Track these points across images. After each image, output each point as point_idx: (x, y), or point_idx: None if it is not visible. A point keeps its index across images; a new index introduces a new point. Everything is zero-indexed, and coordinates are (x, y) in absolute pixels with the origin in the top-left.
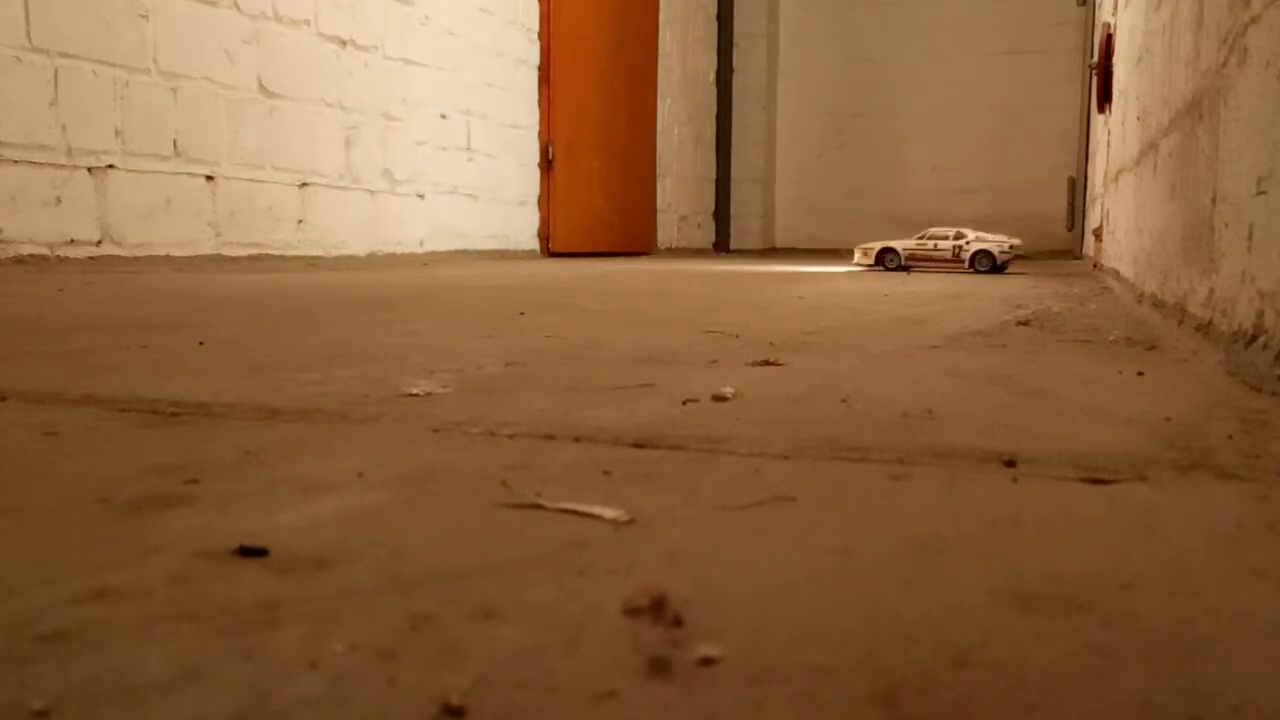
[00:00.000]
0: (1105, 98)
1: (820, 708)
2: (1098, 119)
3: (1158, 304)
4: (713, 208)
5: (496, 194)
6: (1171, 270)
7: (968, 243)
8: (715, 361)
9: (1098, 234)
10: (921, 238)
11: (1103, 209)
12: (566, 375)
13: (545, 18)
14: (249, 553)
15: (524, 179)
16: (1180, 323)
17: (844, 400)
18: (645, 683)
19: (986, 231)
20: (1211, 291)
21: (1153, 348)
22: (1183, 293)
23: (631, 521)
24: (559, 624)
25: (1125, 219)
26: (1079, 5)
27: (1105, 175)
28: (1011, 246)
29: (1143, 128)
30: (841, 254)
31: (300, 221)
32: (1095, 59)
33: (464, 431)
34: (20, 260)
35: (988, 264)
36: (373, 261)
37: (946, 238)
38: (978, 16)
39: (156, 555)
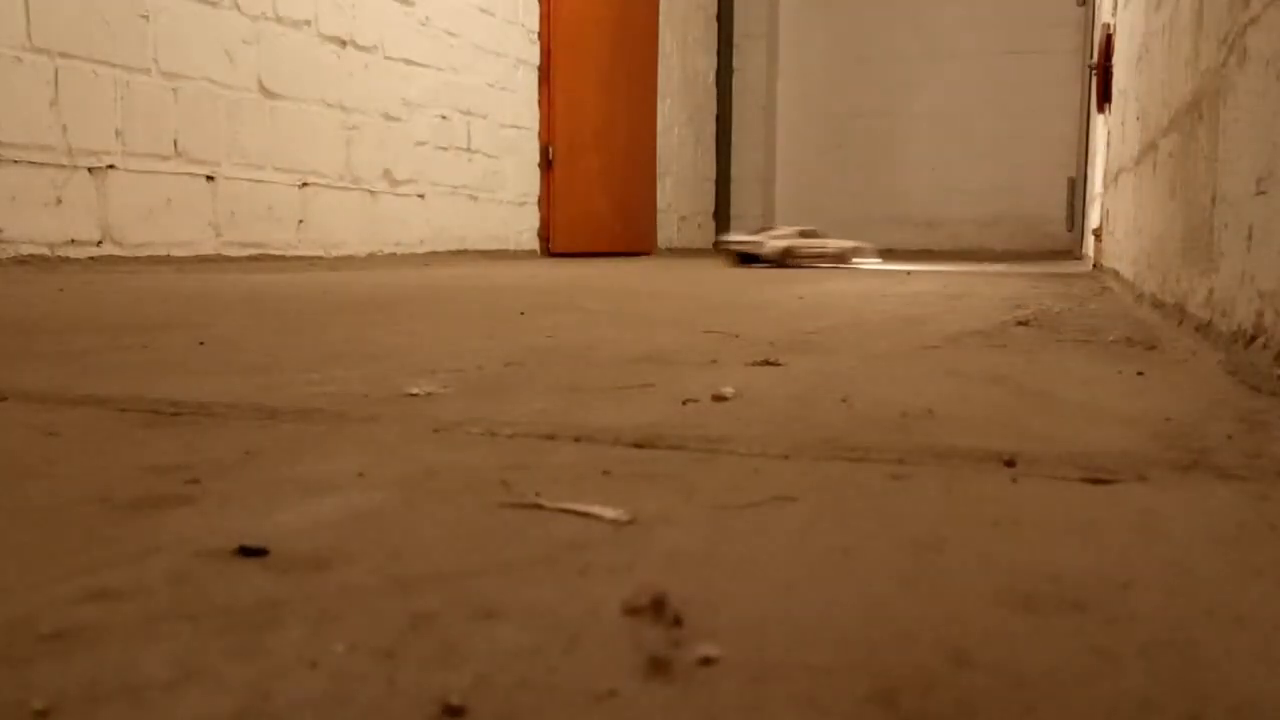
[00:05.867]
0: (1105, 98)
1: (820, 707)
2: (1097, 119)
3: (1157, 304)
4: (713, 208)
5: (497, 194)
6: (1171, 270)
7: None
8: (715, 361)
9: (1097, 234)
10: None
11: (1102, 209)
12: (566, 375)
13: (545, 18)
14: (249, 552)
15: (524, 179)
16: (1180, 323)
17: (844, 400)
18: (645, 682)
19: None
20: (1211, 291)
21: (1152, 348)
22: (1182, 293)
23: (631, 521)
24: (559, 624)
25: (1125, 219)
26: (1078, 5)
27: (1105, 175)
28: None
29: (1142, 128)
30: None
31: (301, 222)
32: (1095, 59)
33: (464, 431)
34: (21, 260)
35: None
36: (373, 262)
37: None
38: (977, 17)
39: (157, 555)
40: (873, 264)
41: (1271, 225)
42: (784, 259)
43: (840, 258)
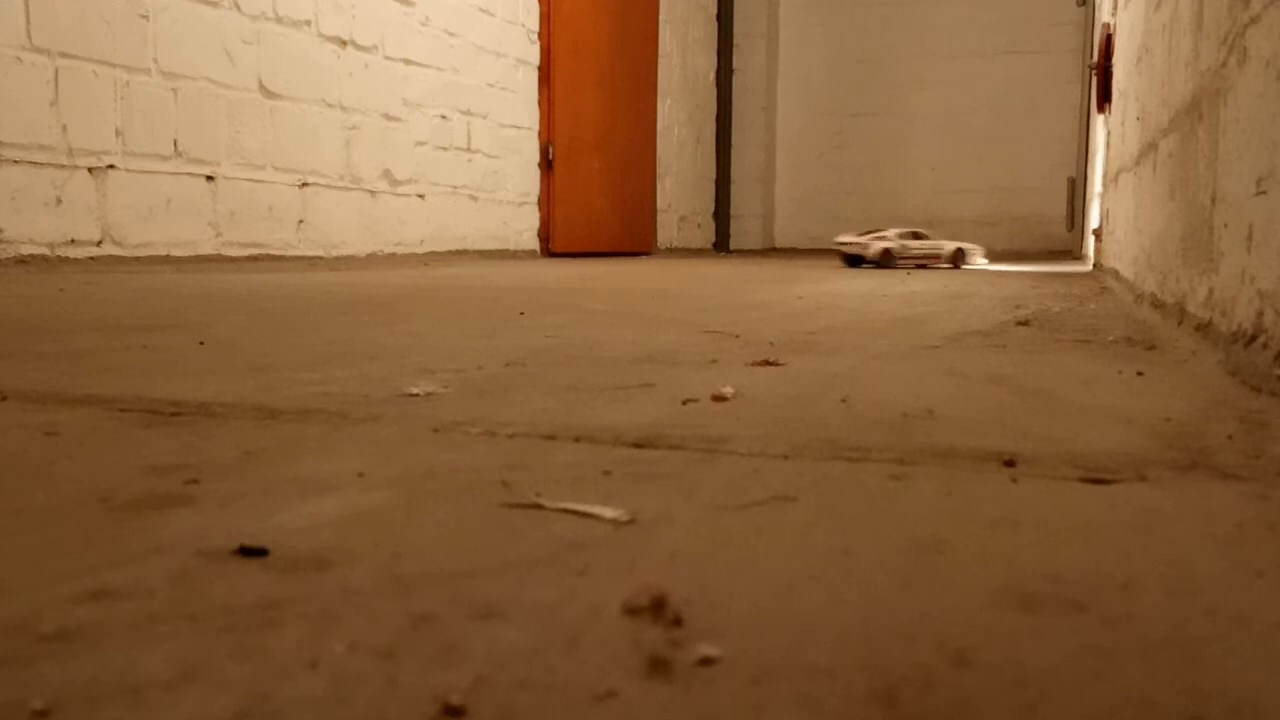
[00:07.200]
0: (1105, 98)
1: (820, 707)
2: (1097, 119)
3: (1157, 304)
4: (713, 208)
5: (497, 194)
6: (1171, 270)
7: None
8: (715, 361)
9: (1097, 234)
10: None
11: (1102, 209)
12: (566, 375)
13: (545, 18)
14: (249, 553)
15: (524, 179)
16: (1180, 323)
17: (844, 400)
18: (645, 682)
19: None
20: (1211, 291)
21: (1152, 348)
22: (1182, 293)
23: (631, 521)
24: (559, 624)
25: (1125, 219)
26: (1079, 5)
27: (1105, 175)
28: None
29: (1142, 128)
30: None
31: (301, 222)
32: (1095, 59)
33: (464, 431)
34: (21, 260)
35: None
36: (373, 262)
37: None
38: (977, 16)
39: (157, 555)
40: (981, 265)
41: (1271, 225)
42: (891, 260)
43: (951, 259)
